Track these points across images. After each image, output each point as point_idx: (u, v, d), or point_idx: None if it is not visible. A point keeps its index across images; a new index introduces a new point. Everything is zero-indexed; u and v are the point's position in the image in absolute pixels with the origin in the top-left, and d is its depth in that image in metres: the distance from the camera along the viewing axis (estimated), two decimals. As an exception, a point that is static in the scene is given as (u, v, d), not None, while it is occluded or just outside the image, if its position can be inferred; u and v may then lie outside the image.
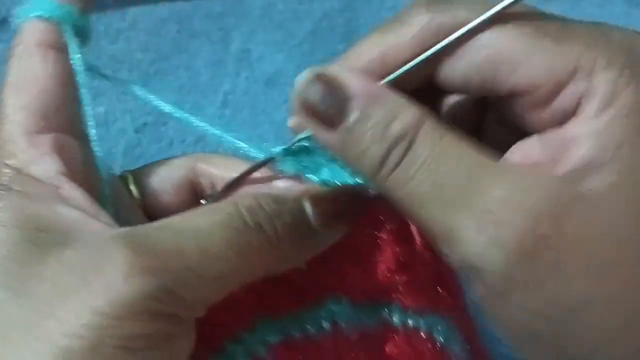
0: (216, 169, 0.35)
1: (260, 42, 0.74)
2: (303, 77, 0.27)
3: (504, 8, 0.25)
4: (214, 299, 0.27)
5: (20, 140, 0.27)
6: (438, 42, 0.26)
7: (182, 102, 0.72)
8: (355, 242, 0.31)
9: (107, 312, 0.22)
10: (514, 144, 0.28)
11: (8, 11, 0.70)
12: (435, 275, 0.32)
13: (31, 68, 0.29)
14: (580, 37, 0.25)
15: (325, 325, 0.30)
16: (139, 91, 0.33)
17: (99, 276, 0.23)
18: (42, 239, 0.24)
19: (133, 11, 0.73)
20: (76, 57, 0.30)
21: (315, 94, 0.27)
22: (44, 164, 0.27)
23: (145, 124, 0.67)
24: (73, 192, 0.27)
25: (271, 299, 0.30)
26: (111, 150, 0.65)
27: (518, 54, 0.25)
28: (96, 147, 0.30)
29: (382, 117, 0.25)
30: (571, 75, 0.24)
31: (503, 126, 0.29)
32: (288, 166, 0.32)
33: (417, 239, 0.32)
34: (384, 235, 0.31)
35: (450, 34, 0.26)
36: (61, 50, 0.30)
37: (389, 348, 0.31)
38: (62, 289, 0.23)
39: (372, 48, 0.28)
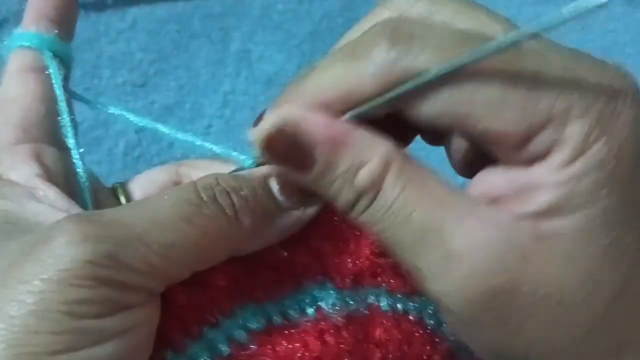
0: (197, 171, 0.35)
1: (260, 42, 0.74)
2: (264, 128, 0.26)
3: (476, 59, 0.24)
4: (171, 272, 0.26)
5: (2, 151, 0.30)
6: (401, 82, 0.25)
7: (182, 102, 0.72)
8: (338, 226, 0.30)
9: (49, 278, 0.23)
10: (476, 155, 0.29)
11: (8, 11, 0.70)
12: None
13: (12, 89, 0.32)
14: (554, 85, 0.24)
15: (309, 310, 0.30)
16: (116, 110, 0.36)
17: (45, 246, 0.24)
18: (8, 228, 0.27)
19: (133, 11, 0.73)
20: (56, 77, 0.33)
21: (280, 145, 0.26)
22: (21, 169, 0.29)
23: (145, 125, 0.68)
24: (47, 191, 0.29)
25: (251, 285, 0.30)
26: (111, 150, 0.65)
27: (490, 101, 0.24)
28: (76, 157, 0.32)
29: (348, 166, 0.26)
30: (543, 125, 0.24)
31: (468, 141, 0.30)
32: None
33: None
34: None
35: (414, 75, 0.24)
36: (40, 72, 0.33)
37: (378, 333, 0.31)
38: (14, 263, 0.24)
39: (334, 83, 0.27)
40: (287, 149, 0.26)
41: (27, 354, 0.23)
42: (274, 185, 0.28)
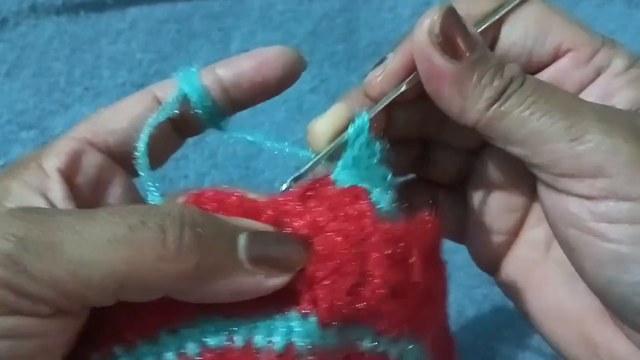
0: None
1: (259, 42, 0.74)
2: (436, 12, 0.30)
3: None
4: (83, 293, 0.24)
5: (62, 139, 0.30)
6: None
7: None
8: (345, 259, 0.27)
9: None
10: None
11: (8, 11, 0.70)
12: (422, 299, 0.29)
13: (127, 101, 0.32)
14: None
15: (279, 343, 0.26)
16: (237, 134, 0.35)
17: None
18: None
19: (133, 11, 0.73)
20: (163, 110, 0.31)
21: (449, 25, 0.29)
22: (52, 159, 0.29)
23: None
24: (56, 187, 0.29)
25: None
26: (111, 150, 0.66)
27: (567, 22, 0.32)
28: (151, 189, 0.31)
29: (498, 61, 0.30)
30: (602, 44, 0.32)
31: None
32: (344, 176, 0.30)
33: (417, 269, 0.28)
34: (376, 256, 0.27)
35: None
36: (161, 104, 0.32)
37: None
38: None
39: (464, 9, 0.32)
40: (451, 30, 0.29)
41: None
42: (242, 239, 0.26)
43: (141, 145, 0.30)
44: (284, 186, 0.29)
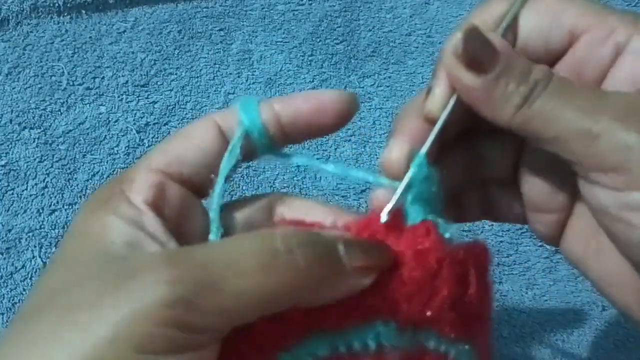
0: (293, 212, 0.36)
1: (260, 42, 0.75)
2: (459, 34, 0.31)
3: None
4: (241, 316, 0.28)
5: (140, 171, 0.32)
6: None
7: (183, 102, 0.73)
8: (416, 276, 0.32)
9: (130, 311, 0.25)
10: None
11: (8, 10, 0.71)
12: (474, 310, 0.35)
13: (196, 130, 0.34)
14: (611, 13, 0.32)
15: (371, 344, 0.32)
16: (302, 161, 0.36)
17: (133, 282, 0.26)
18: (111, 248, 0.29)
19: (135, 12, 0.73)
20: (234, 149, 0.34)
21: (471, 44, 0.31)
22: (140, 194, 0.32)
23: (147, 124, 0.68)
24: (150, 220, 0.31)
25: (321, 315, 0.32)
26: (113, 149, 0.66)
27: (582, 4, 0.32)
28: (215, 212, 0.34)
29: (522, 67, 0.31)
30: (620, 22, 0.31)
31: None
32: (413, 210, 0.34)
33: (472, 286, 0.35)
34: (445, 275, 0.33)
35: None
36: (228, 135, 0.34)
37: None
38: (108, 290, 0.27)
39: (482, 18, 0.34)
40: (476, 48, 0.31)
41: None
42: (341, 247, 0.30)
43: (217, 191, 0.33)
44: (383, 219, 0.33)
